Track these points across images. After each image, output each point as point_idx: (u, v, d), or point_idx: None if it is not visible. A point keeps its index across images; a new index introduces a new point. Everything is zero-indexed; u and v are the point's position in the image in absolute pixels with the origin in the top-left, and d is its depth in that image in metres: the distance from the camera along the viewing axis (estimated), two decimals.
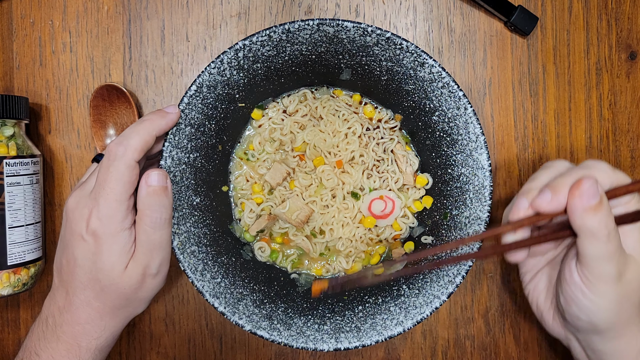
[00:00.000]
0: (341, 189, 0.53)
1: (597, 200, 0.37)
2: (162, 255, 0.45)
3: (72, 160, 0.56)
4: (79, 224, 0.43)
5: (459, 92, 0.46)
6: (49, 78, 0.56)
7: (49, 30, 0.56)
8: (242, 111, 0.52)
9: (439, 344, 0.57)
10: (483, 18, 0.56)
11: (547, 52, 0.56)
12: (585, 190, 0.37)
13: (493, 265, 0.57)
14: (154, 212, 0.43)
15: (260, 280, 0.51)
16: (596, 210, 0.37)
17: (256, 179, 0.54)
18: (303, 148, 0.53)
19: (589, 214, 0.37)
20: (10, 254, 0.49)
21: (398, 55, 0.47)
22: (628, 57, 0.56)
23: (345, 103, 0.54)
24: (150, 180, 0.43)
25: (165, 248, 0.45)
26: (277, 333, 0.47)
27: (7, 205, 0.49)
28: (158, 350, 0.57)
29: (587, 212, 0.37)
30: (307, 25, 0.45)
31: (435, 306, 0.47)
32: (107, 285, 0.43)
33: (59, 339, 0.44)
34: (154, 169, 0.44)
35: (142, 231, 0.43)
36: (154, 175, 0.44)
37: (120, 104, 0.55)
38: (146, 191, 0.43)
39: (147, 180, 0.43)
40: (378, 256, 0.54)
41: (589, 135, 0.56)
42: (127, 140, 0.43)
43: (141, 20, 0.56)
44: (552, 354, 0.57)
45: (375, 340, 0.47)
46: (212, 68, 0.46)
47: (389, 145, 0.53)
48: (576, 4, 0.56)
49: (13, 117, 0.50)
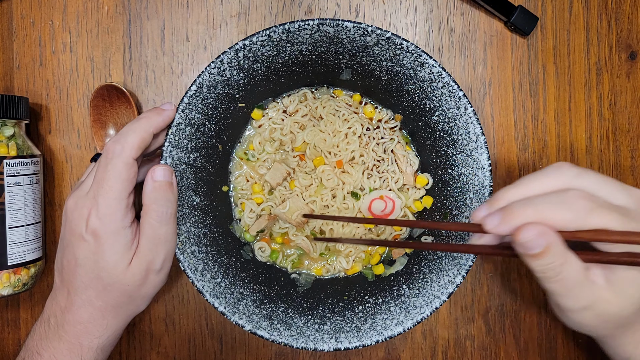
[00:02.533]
0: (341, 189, 0.53)
1: (539, 249, 0.35)
2: (167, 251, 0.45)
3: (72, 160, 0.56)
4: (79, 224, 0.43)
5: (459, 92, 0.46)
6: (49, 78, 0.56)
7: (49, 30, 0.56)
8: (242, 111, 0.52)
9: (439, 344, 0.57)
10: (483, 18, 0.56)
11: (547, 52, 0.56)
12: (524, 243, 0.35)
13: (493, 265, 0.57)
14: (160, 206, 0.43)
15: (260, 280, 0.51)
16: (536, 258, 0.36)
17: (256, 179, 0.54)
18: (303, 148, 0.53)
19: (529, 260, 0.36)
20: (10, 254, 0.49)
21: (398, 55, 0.47)
22: (628, 57, 0.56)
23: (345, 103, 0.54)
24: (156, 176, 0.44)
25: (170, 243, 0.45)
26: (277, 333, 0.47)
27: (7, 205, 0.49)
28: (158, 350, 0.57)
29: (527, 258, 0.36)
30: (307, 25, 0.45)
31: (435, 306, 0.47)
32: (109, 283, 0.43)
33: (61, 338, 0.44)
34: (160, 165, 0.44)
35: (148, 226, 0.43)
36: (159, 170, 0.44)
37: (120, 104, 0.55)
38: (152, 186, 0.43)
39: (153, 175, 0.44)
40: (378, 256, 0.54)
41: (589, 135, 0.56)
42: (125, 138, 0.43)
43: (141, 20, 0.56)
44: (553, 354, 0.57)
45: (375, 340, 0.47)
46: (212, 68, 0.46)
47: (389, 145, 0.54)
48: (576, 4, 0.56)
49: (13, 117, 0.50)
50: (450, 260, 0.48)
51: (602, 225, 0.34)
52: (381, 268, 0.53)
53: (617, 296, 0.37)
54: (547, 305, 0.57)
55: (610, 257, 0.35)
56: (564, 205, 0.35)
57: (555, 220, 0.35)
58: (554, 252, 0.35)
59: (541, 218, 0.35)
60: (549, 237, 0.35)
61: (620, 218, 0.34)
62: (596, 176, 0.37)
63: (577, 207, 0.35)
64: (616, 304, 0.38)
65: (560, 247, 0.35)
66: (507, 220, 0.36)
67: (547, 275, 0.36)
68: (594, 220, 0.35)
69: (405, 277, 0.51)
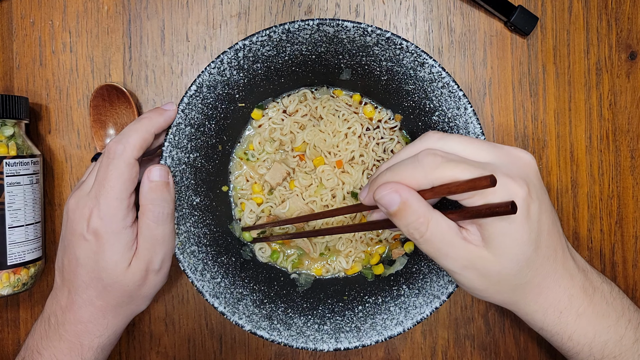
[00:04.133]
0: (341, 189, 0.53)
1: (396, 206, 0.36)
2: (165, 251, 0.45)
3: (72, 160, 0.56)
4: (80, 224, 0.43)
5: (459, 92, 0.46)
6: (49, 78, 0.56)
7: (49, 30, 0.56)
8: (242, 111, 0.52)
9: (439, 344, 0.57)
10: (483, 18, 0.56)
11: (547, 52, 0.56)
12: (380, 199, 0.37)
13: None
14: (156, 206, 0.43)
15: (260, 280, 0.51)
16: (396, 216, 0.36)
17: (256, 179, 0.54)
18: (303, 148, 0.53)
19: (394, 219, 0.37)
20: (10, 254, 0.49)
21: (398, 55, 0.47)
22: (628, 57, 0.56)
23: (345, 103, 0.54)
24: (152, 176, 0.44)
25: (168, 243, 0.45)
26: (277, 333, 0.47)
27: (7, 205, 0.49)
28: (158, 350, 0.57)
29: (391, 217, 0.37)
30: (307, 25, 0.45)
31: (435, 306, 0.47)
32: (109, 283, 0.43)
33: (61, 337, 0.44)
34: (156, 165, 0.44)
35: (145, 226, 0.43)
36: (156, 170, 0.44)
37: (120, 104, 0.55)
38: (149, 186, 0.43)
39: (149, 175, 0.44)
40: (378, 256, 0.54)
41: (589, 135, 0.56)
42: (126, 139, 0.43)
43: (141, 20, 0.56)
44: (552, 354, 0.57)
45: (375, 340, 0.47)
46: (212, 68, 0.46)
47: (389, 145, 0.54)
48: (576, 4, 0.56)
49: (13, 117, 0.50)
50: None
51: (452, 177, 0.35)
52: (381, 268, 0.53)
53: (495, 253, 0.37)
54: None
55: (473, 211, 0.36)
56: (415, 164, 0.36)
57: (409, 179, 0.36)
58: (414, 209, 0.36)
59: (397, 179, 0.37)
60: (404, 193, 0.36)
61: (468, 168, 0.35)
62: (459, 138, 0.38)
63: (426, 163, 0.36)
64: (496, 262, 0.37)
65: (420, 204, 0.36)
66: (372, 189, 0.38)
67: (414, 235, 0.37)
68: (444, 174, 0.35)
69: (405, 277, 0.51)
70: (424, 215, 0.36)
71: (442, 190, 0.35)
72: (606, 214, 0.57)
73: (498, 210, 0.34)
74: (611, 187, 0.57)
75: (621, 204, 0.57)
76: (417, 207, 0.36)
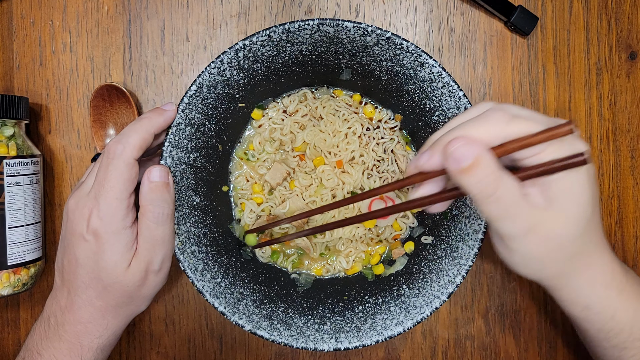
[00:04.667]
0: (341, 189, 0.53)
1: (467, 162, 0.34)
2: (165, 251, 0.45)
3: (72, 160, 0.56)
4: (80, 224, 0.43)
5: (459, 92, 0.46)
6: (49, 78, 0.56)
7: (49, 30, 0.56)
8: (242, 111, 0.52)
9: (439, 344, 0.57)
10: (483, 18, 0.56)
11: (547, 52, 0.56)
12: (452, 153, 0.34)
13: (493, 265, 0.57)
14: (156, 207, 0.43)
15: (260, 280, 0.51)
16: (468, 172, 0.34)
17: (256, 179, 0.54)
18: (303, 148, 0.53)
19: (463, 177, 0.35)
20: (10, 254, 0.49)
21: (398, 55, 0.47)
22: (628, 57, 0.56)
23: (345, 103, 0.54)
24: (152, 176, 0.44)
25: (168, 244, 0.45)
26: (277, 333, 0.47)
27: (7, 205, 0.49)
28: (158, 350, 0.57)
29: (460, 175, 0.35)
30: (307, 25, 0.45)
31: (435, 306, 0.47)
32: (109, 283, 0.43)
33: (61, 338, 0.44)
34: (156, 165, 0.44)
35: (145, 227, 0.43)
36: (155, 171, 0.44)
37: (120, 104, 0.55)
38: (148, 187, 0.43)
39: (149, 176, 0.44)
40: (378, 256, 0.54)
41: (589, 135, 0.56)
42: (126, 139, 0.43)
43: (141, 20, 0.56)
44: (552, 354, 0.57)
45: (375, 340, 0.47)
46: (212, 68, 0.46)
47: (389, 145, 0.54)
48: (576, 4, 0.56)
49: (13, 117, 0.50)
50: (450, 260, 0.48)
51: (523, 131, 0.34)
52: (381, 268, 0.53)
53: (559, 214, 0.36)
54: (547, 306, 0.57)
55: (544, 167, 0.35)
56: (484, 121, 0.35)
57: (480, 135, 0.35)
58: (485, 166, 0.34)
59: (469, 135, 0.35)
60: (477, 148, 0.34)
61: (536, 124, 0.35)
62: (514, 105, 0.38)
63: (495, 119, 0.35)
64: (560, 223, 0.36)
65: (492, 162, 0.34)
66: (437, 150, 0.36)
67: (483, 194, 0.35)
68: (514, 128, 0.35)
69: (405, 277, 0.51)
70: (495, 172, 0.34)
71: (512, 146, 0.34)
72: (606, 214, 0.57)
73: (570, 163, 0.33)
74: (611, 187, 0.57)
75: (621, 204, 0.57)
76: (490, 163, 0.34)
